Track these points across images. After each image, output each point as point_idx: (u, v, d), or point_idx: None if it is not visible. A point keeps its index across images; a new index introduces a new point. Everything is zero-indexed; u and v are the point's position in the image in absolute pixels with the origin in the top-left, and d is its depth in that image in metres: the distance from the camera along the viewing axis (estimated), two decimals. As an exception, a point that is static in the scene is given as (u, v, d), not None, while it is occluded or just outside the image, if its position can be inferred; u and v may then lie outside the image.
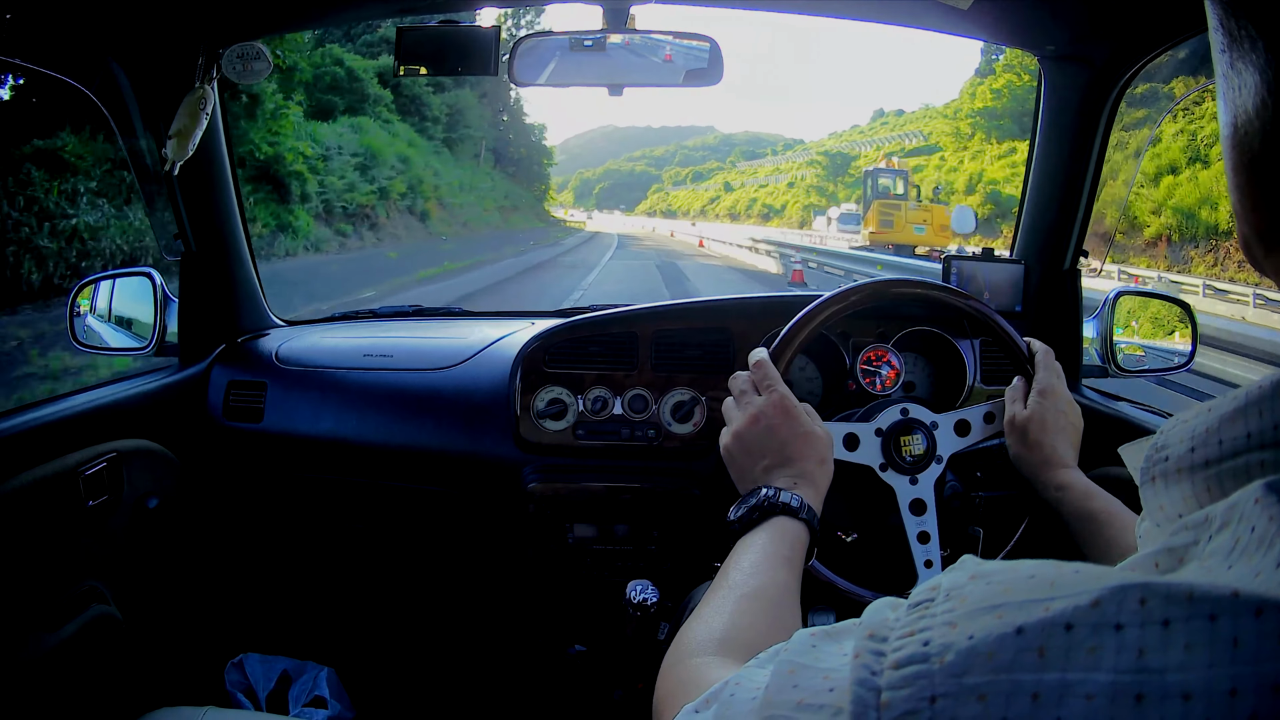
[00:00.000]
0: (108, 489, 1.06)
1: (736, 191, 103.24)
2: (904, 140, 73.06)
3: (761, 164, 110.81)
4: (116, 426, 1.11)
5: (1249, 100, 0.27)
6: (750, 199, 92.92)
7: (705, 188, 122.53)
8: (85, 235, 7.40)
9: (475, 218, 23.92)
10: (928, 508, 0.89)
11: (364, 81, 18.08)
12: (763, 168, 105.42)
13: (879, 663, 0.27)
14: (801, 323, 0.86)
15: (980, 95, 39.42)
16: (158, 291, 1.27)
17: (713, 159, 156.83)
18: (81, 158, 7.69)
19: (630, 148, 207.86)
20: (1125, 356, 1.26)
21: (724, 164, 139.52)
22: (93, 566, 1.06)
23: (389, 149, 17.07)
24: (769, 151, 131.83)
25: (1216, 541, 0.25)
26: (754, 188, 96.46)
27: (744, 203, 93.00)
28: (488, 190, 27.90)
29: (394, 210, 17.14)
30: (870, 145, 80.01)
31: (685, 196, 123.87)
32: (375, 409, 1.28)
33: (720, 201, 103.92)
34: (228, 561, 1.39)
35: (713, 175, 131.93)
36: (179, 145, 1.11)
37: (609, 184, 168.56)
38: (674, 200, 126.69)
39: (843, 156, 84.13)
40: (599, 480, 1.19)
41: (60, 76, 1.09)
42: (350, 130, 16.00)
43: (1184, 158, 17.82)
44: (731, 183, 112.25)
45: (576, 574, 1.23)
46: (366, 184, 15.45)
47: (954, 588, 0.27)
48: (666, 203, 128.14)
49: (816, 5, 1.19)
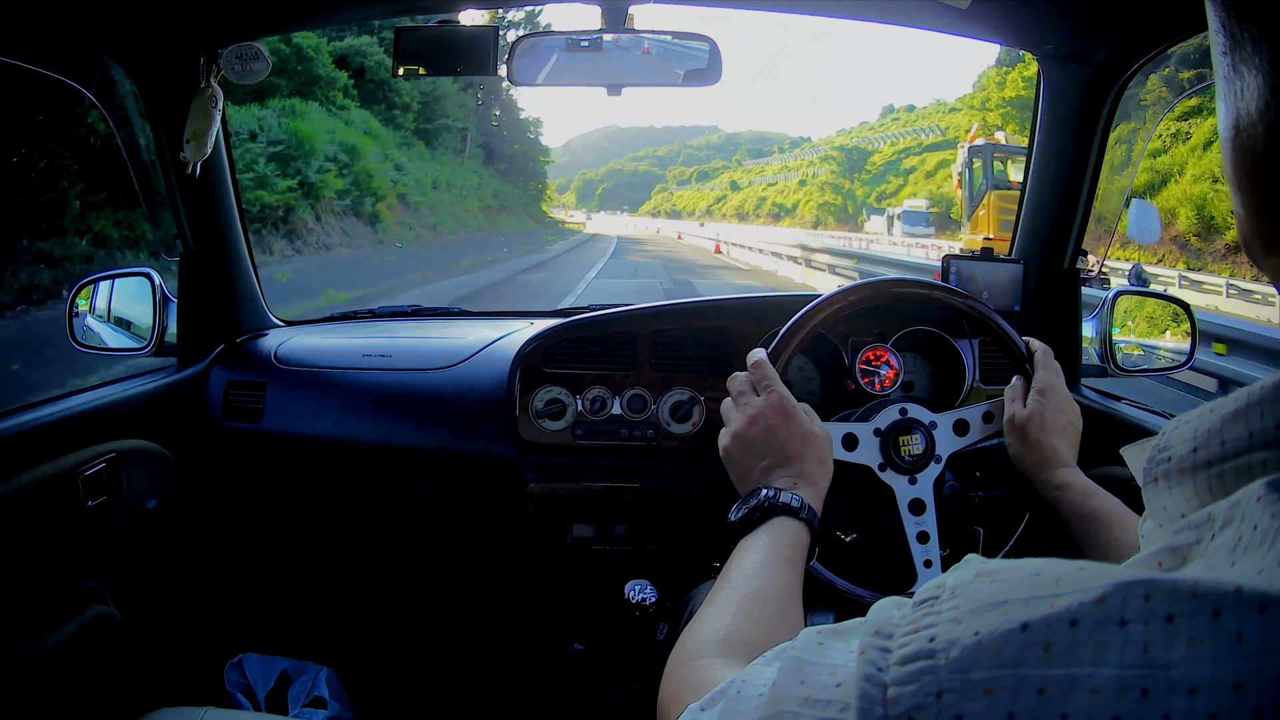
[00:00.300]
0: (107, 489, 1.06)
1: (744, 190, 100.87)
2: (920, 135, 70.73)
3: (768, 162, 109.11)
4: (116, 427, 1.11)
5: (1251, 103, 0.27)
6: (759, 198, 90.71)
7: (710, 187, 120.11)
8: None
9: (451, 219, 20.94)
10: (927, 507, 0.89)
11: (314, 61, 15.59)
12: (770, 166, 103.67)
13: (885, 659, 0.27)
14: (800, 322, 0.86)
15: (1011, 84, 36.87)
16: (157, 292, 1.27)
17: (718, 158, 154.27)
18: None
19: (633, 148, 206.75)
20: (1125, 356, 1.26)
21: (730, 163, 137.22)
22: (92, 566, 1.06)
23: (325, 138, 13.86)
24: (775, 149, 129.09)
25: (1220, 539, 0.25)
26: (762, 186, 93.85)
27: (752, 202, 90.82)
28: (472, 188, 25.51)
29: (326, 212, 13.72)
30: (884, 141, 77.75)
31: (690, 196, 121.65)
32: (374, 409, 1.28)
33: (727, 201, 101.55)
34: (227, 561, 1.39)
35: (718, 174, 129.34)
36: (197, 146, 1.12)
37: (612, 184, 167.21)
38: (679, 200, 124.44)
39: (859, 152, 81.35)
40: (598, 480, 1.19)
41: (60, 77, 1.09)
42: (276, 115, 12.88)
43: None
44: (738, 181, 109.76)
45: (576, 574, 1.23)
46: (284, 179, 12.15)
47: (959, 585, 0.28)
48: (671, 203, 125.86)
49: (816, 5, 1.19)
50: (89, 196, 7.62)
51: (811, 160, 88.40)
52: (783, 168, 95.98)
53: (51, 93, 6.50)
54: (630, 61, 1.10)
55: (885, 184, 65.03)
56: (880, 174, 72.00)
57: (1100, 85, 1.13)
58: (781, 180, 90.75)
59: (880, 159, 75.59)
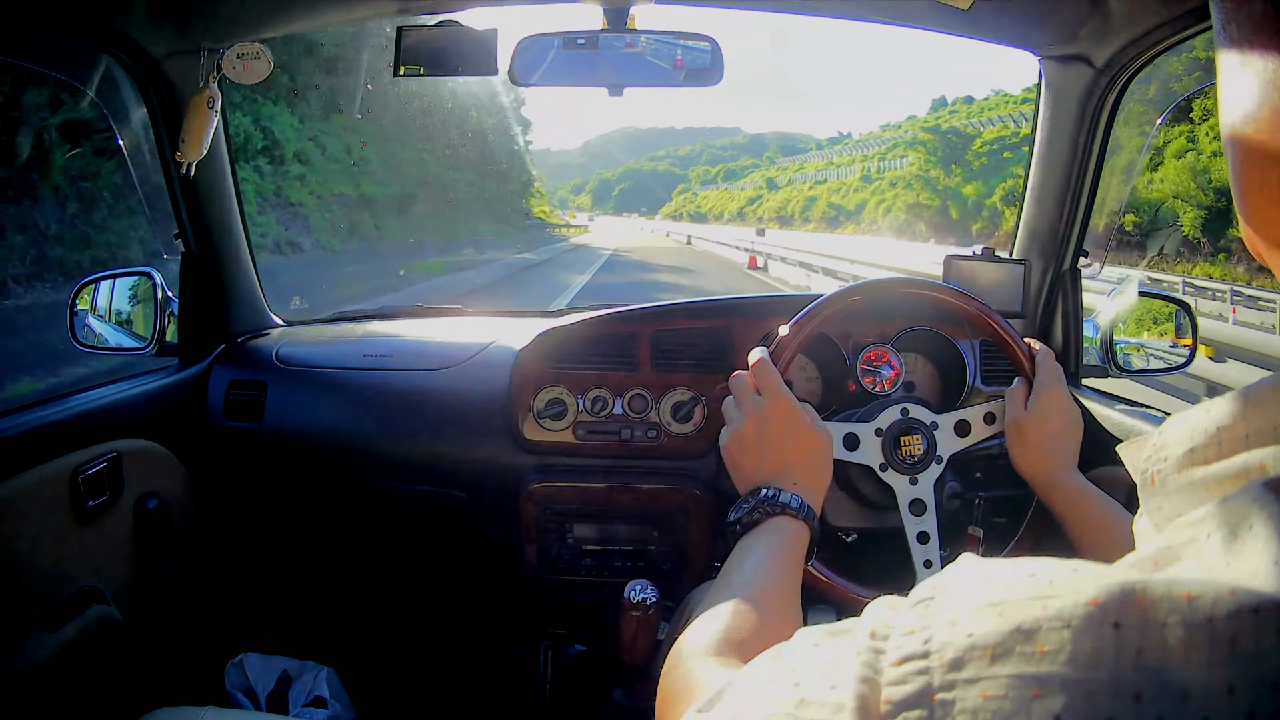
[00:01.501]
0: (108, 489, 1.06)
1: (785, 189, 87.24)
2: (1014, 124, 54.45)
3: (806, 159, 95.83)
4: (116, 426, 1.11)
5: (1253, 100, 0.28)
6: (806, 198, 75.49)
7: (741, 186, 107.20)
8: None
9: (326, 218, 14.03)
10: (927, 508, 0.89)
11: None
12: (810, 163, 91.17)
13: (880, 660, 0.27)
14: (802, 322, 0.86)
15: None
16: (158, 291, 1.27)
17: (745, 156, 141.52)
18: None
19: (652, 148, 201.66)
20: (1125, 356, 1.26)
21: (760, 160, 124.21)
22: (92, 566, 1.06)
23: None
24: (812, 146, 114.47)
25: (1215, 540, 0.25)
26: (808, 184, 78.53)
27: (798, 203, 75.47)
28: (417, 172, 18.09)
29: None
30: (990, 124, 59.02)
31: (717, 197, 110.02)
32: (375, 409, 1.28)
33: (763, 202, 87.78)
34: (227, 561, 1.39)
35: (748, 174, 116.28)
36: (192, 145, 1.12)
37: (629, 185, 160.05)
38: (703, 201, 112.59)
39: (958, 134, 61.01)
40: (599, 480, 1.19)
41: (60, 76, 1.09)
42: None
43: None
44: (775, 179, 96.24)
45: (576, 574, 1.23)
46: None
47: (954, 585, 0.27)
48: (695, 204, 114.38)
49: (816, 5, 1.19)
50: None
51: (879, 151, 71.55)
52: (826, 164, 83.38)
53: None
54: (631, 61, 1.09)
55: (1009, 179, 45.50)
56: (996, 163, 51.77)
57: (1100, 85, 1.13)
58: (833, 177, 75.31)
59: (983, 146, 55.46)
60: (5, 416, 0.97)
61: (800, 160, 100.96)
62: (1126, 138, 1.20)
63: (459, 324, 1.46)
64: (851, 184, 68.33)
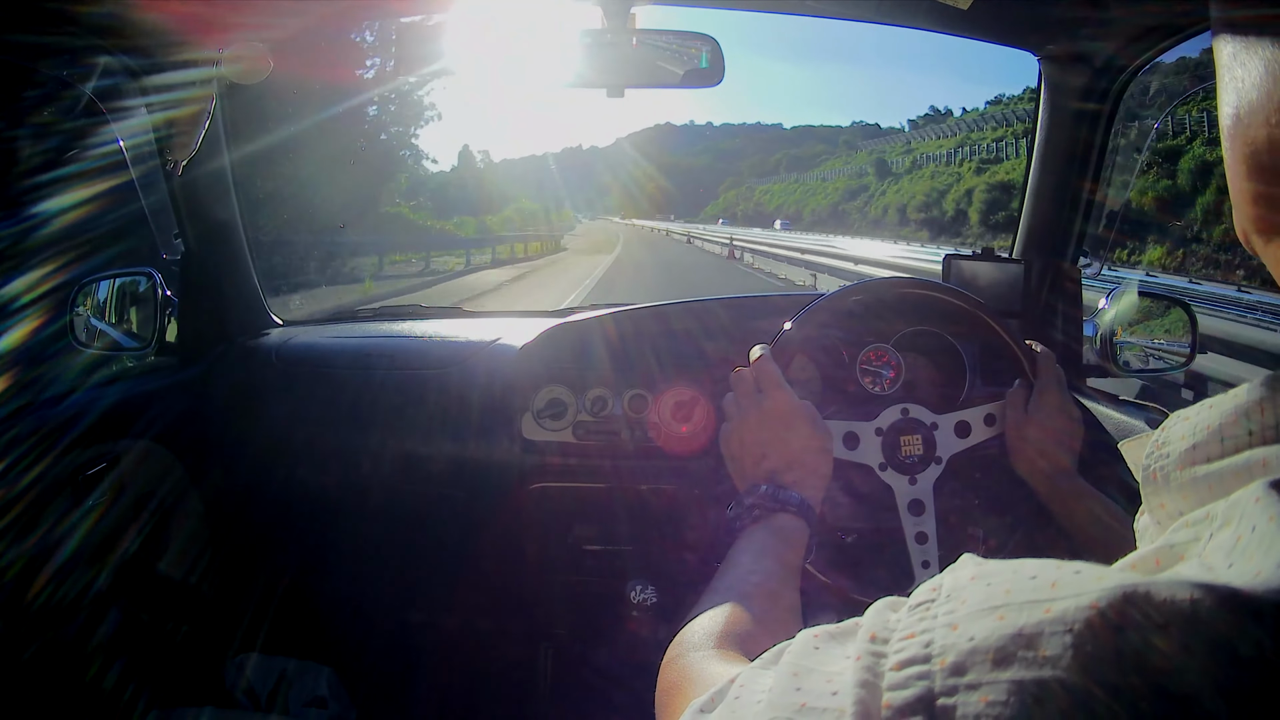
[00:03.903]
0: (108, 489, 1.06)
1: (923, 177, 46.60)
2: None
3: (894, 141, 62.06)
4: (116, 426, 1.11)
5: (1252, 93, 0.28)
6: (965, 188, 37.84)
7: (822, 176, 73.25)
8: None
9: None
10: (926, 508, 0.89)
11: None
12: (945, 143, 50.54)
13: (880, 664, 0.27)
14: (803, 321, 0.86)
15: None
16: (158, 291, 1.27)
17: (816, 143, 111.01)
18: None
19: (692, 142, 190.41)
20: (1125, 356, 1.25)
21: (836, 147, 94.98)
22: (93, 566, 1.06)
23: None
24: (902, 128, 79.47)
25: (1217, 539, 0.25)
26: (972, 163, 42.30)
27: (956, 197, 40.17)
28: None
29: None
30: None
31: (790, 192, 77.54)
32: (374, 409, 1.28)
33: (877, 198, 53.21)
34: (227, 562, 1.39)
35: (823, 162, 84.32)
36: (181, 143, 1.12)
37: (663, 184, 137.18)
38: (765, 197, 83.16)
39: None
40: (599, 480, 1.19)
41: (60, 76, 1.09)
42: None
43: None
44: (892, 163, 58.73)
45: (576, 574, 1.23)
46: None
47: (955, 588, 0.27)
48: (753, 201, 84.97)
49: (816, 5, 1.19)
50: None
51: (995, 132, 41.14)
52: (962, 139, 46.75)
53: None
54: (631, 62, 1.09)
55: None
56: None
57: (1100, 85, 1.13)
58: (993, 165, 40.10)
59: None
60: (6, 417, 0.97)
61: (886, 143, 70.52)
62: (1126, 137, 1.20)
63: (459, 324, 1.46)
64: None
